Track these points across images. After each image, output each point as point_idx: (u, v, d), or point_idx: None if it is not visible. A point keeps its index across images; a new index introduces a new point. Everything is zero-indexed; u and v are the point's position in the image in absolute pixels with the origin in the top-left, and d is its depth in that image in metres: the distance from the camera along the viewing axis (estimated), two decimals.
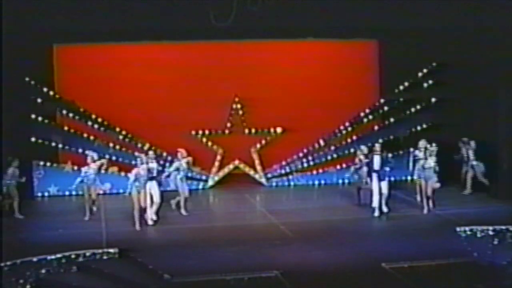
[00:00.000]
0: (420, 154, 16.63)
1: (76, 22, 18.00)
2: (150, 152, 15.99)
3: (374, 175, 15.95)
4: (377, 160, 15.99)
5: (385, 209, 16.00)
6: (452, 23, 18.38)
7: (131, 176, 15.08)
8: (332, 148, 20.09)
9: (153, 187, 15.39)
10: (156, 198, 15.40)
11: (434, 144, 17.21)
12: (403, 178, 18.80)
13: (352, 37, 20.06)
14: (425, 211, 16.09)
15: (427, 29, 19.05)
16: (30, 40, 18.05)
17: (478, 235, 13.89)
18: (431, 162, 16.07)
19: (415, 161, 16.84)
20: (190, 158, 16.35)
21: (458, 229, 14.09)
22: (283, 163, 20.08)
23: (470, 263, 12.22)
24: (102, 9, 17.84)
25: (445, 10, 18.30)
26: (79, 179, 16.02)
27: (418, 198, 16.70)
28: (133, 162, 15.58)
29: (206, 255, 13.11)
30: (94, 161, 16.08)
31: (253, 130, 20.34)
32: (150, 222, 15.33)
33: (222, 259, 12.84)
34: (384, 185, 15.96)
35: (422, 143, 16.87)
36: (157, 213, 15.51)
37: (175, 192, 16.31)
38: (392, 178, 16.74)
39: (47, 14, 17.63)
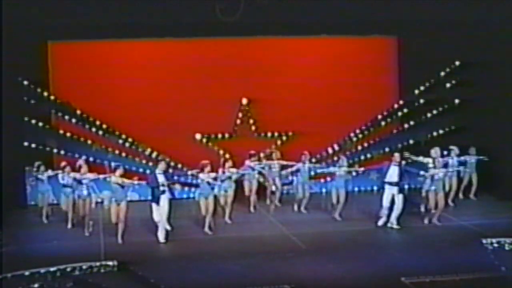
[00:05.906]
0: (430, 162, 16.36)
1: (73, 16, 17.97)
2: (162, 163, 15.77)
3: (388, 187, 15.88)
4: (394, 171, 15.90)
5: (395, 225, 15.92)
6: (478, 17, 18.27)
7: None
8: (347, 153, 20.01)
9: (165, 201, 15.29)
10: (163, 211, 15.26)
11: (454, 150, 17.22)
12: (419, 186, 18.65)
13: (369, 33, 20.00)
14: (425, 221, 16.10)
15: (450, 24, 18.94)
16: (22, 37, 18.01)
17: (507, 247, 13.84)
18: (440, 173, 15.99)
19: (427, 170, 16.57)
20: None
21: (484, 241, 14.05)
22: (294, 169, 20.00)
23: (497, 278, 12.20)
24: (101, 3, 17.81)
25: (470, 2, 18.17)
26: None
27: (422, 209, 16.63)
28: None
29: (212, 268, 13.09)
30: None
31: (262, 134, 20.32)
32: (162, 240, 15.26)
33: (229, 272, 12.83)
34: (400, 199, 15.88)
35: (434, 152, 16.67)
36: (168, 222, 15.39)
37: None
38: (406, 186, 16.65)
39: (41, 7, 17.57)
